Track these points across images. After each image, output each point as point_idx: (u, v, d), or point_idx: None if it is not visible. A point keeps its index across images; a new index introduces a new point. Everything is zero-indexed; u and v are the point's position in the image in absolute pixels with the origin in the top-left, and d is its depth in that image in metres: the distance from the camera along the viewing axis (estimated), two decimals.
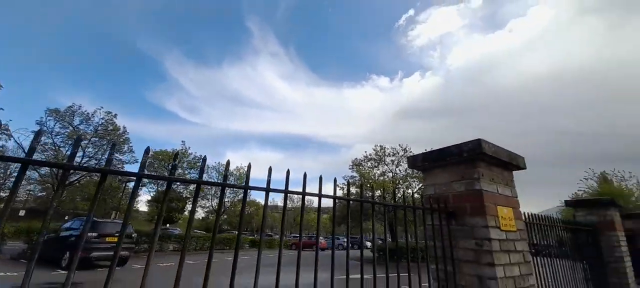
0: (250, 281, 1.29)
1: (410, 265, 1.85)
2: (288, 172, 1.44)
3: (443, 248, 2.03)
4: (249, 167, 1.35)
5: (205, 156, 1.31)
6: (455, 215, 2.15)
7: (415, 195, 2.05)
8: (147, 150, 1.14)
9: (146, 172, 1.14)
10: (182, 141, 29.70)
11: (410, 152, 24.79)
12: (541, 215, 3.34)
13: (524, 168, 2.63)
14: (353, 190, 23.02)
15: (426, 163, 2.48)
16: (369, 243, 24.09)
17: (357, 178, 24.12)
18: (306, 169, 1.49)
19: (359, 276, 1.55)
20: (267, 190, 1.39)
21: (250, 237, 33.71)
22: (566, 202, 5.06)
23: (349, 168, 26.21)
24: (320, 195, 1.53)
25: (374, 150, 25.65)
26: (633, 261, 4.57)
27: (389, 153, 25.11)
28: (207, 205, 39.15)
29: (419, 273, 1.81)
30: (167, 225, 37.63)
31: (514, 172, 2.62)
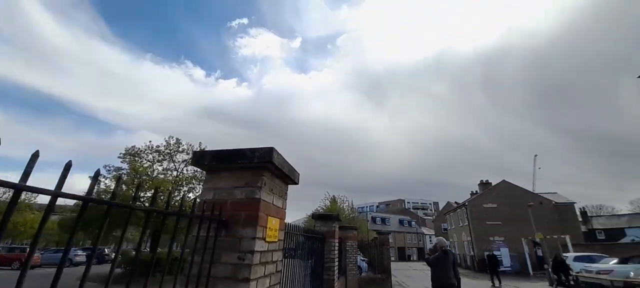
0: None
1: (167, 279, 1.39)
2: None
3: (201, 264, 1.73)
4: None
5: None
6: (227, 225, 1.95)
7: (198, 200, 1.68)
8: None
9: None
10: None
11: None
12: (291, 224, 3.97)
13: (297, 183, 2.95)
14: (110, 183, 18.01)
15: (214, 163, 2.17)
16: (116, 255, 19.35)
17: (124, 171, 18.88)
18: (48, 147, 0.71)
19: None
20: None
21: None
22: (312, 215, 6.55)
23: (119, 158, 19.96)
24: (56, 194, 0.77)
25: (166, 141, 21.14)
26: (339, 259, 6.51)
27: (182, 150, 21.59)
28: None
29: None
30: None
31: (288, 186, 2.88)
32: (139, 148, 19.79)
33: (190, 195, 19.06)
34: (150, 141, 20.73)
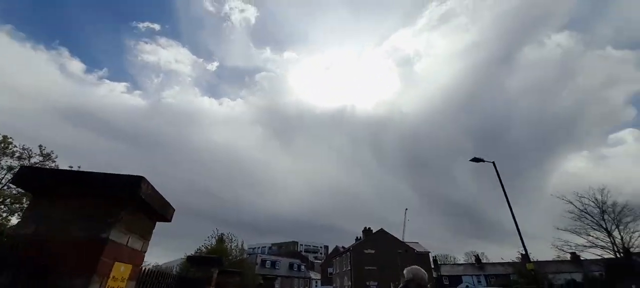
0: None
1: None
2: None
3: None
4: None
5: None
6: (47, 272, 1.46)
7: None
8: None
9: None
10: None
11: (54, 163, 15.95)
12: (157, 270, 3.37)
13: (170, 221, 2.55)
14: None
15: (51, 183, 1.69)
16: None
17: None
18: None
19: None
20: None
21: None
22: (188, 257, 5.72)
23: None
24: None
25: None
26: None
27: (12, 152, 14.93)
28: None
29: None
30: None
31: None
32: None
33: (13, 219, 13.32)
34: None
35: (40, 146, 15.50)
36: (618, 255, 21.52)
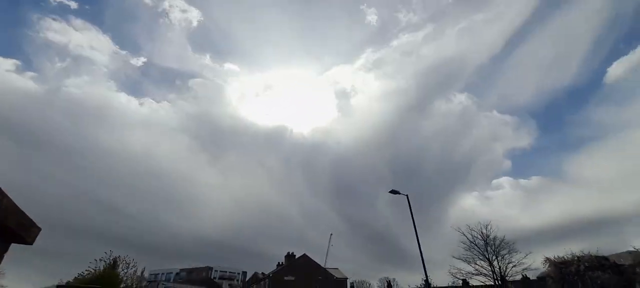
0: None
1: None
2: None
3: None
4: None
5: None
6: None
7: None
8: None
9: None
10: None
11: None
12: None
13: (31, 243, 1.85)
14: None
15: None
16: None
17: None
18: None
19: None
20: None
21: None
22: (58, 286, 4.38)
23: None
24: None
25: None
26: None
27: None
28: None
29: None
30: None
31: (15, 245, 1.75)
32: None
33: None
34: None
35: None
36: (497, 283, 25.81)
